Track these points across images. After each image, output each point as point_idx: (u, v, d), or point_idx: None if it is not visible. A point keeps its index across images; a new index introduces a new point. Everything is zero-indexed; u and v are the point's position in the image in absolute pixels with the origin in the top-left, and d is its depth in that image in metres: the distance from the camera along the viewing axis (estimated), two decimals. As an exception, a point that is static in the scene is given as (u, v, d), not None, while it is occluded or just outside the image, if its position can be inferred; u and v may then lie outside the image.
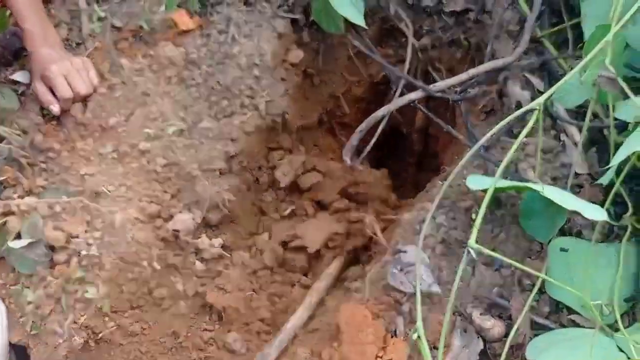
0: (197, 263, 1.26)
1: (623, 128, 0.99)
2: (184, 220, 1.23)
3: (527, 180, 1.01)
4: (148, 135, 1.26)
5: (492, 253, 0.85)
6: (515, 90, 1.14)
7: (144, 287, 1.19)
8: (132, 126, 1.27)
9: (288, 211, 1.39)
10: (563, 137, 1.09)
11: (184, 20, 1.35)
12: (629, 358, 0.80)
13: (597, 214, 0.84)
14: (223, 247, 1.28)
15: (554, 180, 1.06)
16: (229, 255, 1.29)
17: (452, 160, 1.29)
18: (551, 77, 1.15)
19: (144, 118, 1.28)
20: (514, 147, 0.89)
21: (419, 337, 0.81)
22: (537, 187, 0.89)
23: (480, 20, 1.32)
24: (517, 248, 1.01)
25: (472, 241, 0.83)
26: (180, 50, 1.32)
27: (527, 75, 1.16)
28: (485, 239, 1.02)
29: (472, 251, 0.83)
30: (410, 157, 1.84)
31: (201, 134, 1.28)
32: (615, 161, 0.86)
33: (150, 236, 1.21)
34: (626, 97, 0.90)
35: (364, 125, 1.08)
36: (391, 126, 1.83)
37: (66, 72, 1.24)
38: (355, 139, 1.06)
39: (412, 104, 1.26)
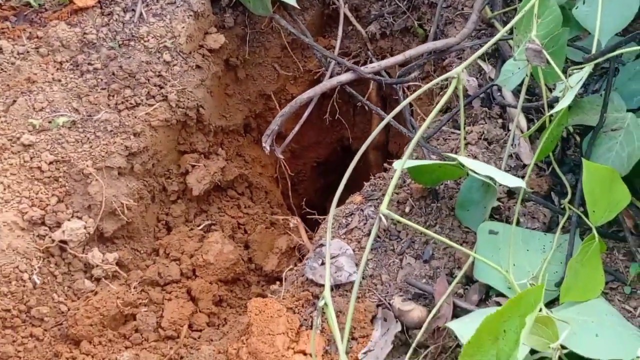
0: (87, 281, 1.70)
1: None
2: (73, 230, 1.67)
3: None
4: (32, 126, 1.73)
5: (404, 220, 1.38)
6: (463, 77, 1.72)
7: (21, 304, 1.61)
8: (13, 116, 1.74)
9: (201, 227, 1.91)
10: (511, 126, 1.67)
11: (82, -5, 1.87)
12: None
13: (513, 181, 1.38)
14: (118, 264, 1.75)
15: (498, 171, 1.62)
16: (125, 275, 1.77)
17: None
18: (503, 62, 1.74)
19: (28, 107, 1.75)
20: (430, 117, 1.45)
21: (326, 304, 1.32)
22: (453, 156, 1.44)
23: (434, 3, 1.89)
24: (450, 239, 1.52)
25: (383, 207, 1.35)
26: (76, 30, 1.83)
27: (479, 61, 1.76)
28: (418, 230, 1.56)
29: (383, 218, 1.35)
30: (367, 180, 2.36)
31: (97, 127, 1.75)
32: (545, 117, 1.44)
33: (30, 246, 1.64)
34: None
35: (287, 109, 1.57)
36: (343, 146, 2.38)
37: None
38: (276, 123, 1.56)
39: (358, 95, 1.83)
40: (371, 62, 2.01)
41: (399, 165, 1.43)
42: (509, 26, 1.51)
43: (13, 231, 1.65)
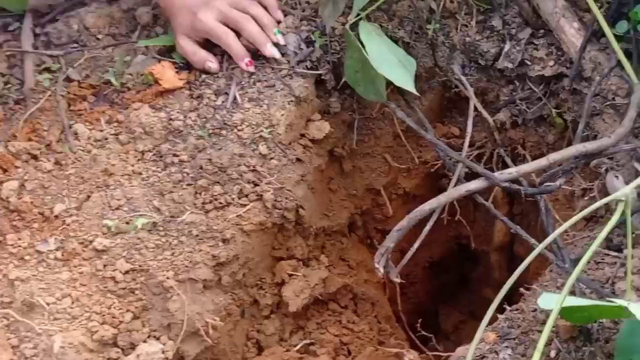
0: (164, 418, 1.51)
1: None
2: (149, 354, 1.48)
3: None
4: (107, 229, 1.56)
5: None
6: (615, 184, 1.43)
7: None
8: (86, 216, 1.58)
9: (298, 347, 1.68)
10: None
11: (169, 75, 1.69)
12: None
13: None
14: (201, 396, 1.54)
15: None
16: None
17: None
18: (672, 169, 1.45)
19: (104, 205, 1.58)
20: (585, 258, 1.17)
21: None
22: (620, 302, 1.15)
23: (578, 90, 1.63)
24: (611, 397, 1.25)
25: (535, 367, 1.08)
26: (160, 115, 1.65)
27: (635, 164, 1.47)
28: (570, 385, 1.27)
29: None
30: (487, 288, 2.12)
31: (181, 231, 1.57)
32: None
33: (101, 371, 1.46)
34: None
35: (404, 223, 1.33)
36: (460, 245, 2.15)
37: (224, 16, 1.66)
38: (391, 239, 1.32)
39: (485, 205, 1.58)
40: (499, 155, 1.78)
41: (555, 306, 1.15)
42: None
43: (80, 354, 1.49)
